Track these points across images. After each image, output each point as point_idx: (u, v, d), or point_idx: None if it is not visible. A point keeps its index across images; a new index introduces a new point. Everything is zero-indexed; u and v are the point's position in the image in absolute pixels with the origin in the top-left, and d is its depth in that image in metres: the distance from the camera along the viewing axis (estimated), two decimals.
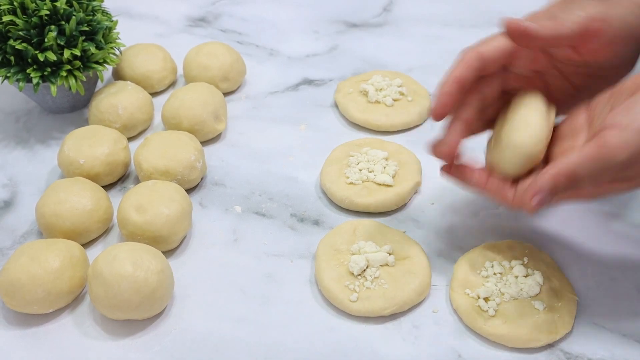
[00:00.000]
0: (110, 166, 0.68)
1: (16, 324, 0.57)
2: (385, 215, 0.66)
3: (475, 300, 0.56)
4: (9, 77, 0.69)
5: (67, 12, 0.69)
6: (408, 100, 0.77)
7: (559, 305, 0.55)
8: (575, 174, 0.46)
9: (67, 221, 0.61)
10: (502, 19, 0.52)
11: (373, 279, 0.58)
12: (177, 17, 0.97)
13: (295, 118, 0.79)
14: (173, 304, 0.58)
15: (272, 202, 0.68)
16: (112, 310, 0.54)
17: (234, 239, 0.64)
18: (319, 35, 0.93)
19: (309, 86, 0.84)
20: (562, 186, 0.47)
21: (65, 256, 0.57)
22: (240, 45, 0.91)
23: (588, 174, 0.46)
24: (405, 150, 0.71)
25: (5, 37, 0.69)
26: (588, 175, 0.46)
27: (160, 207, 0.60)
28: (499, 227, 0.64)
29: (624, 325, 0.56)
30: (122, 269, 0.53)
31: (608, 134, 0.45)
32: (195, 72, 0.80)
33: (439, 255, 0.62)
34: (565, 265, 0.60)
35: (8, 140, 0.76)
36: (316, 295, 0.59)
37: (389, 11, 0.98)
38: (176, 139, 0.68)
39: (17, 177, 0.71)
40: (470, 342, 0.55)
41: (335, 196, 0.66)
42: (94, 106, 0.74)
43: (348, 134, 0.76)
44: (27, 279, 0.55)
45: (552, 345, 0.54)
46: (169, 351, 0.55)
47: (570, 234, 0.64)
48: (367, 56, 0.89)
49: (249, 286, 0.60)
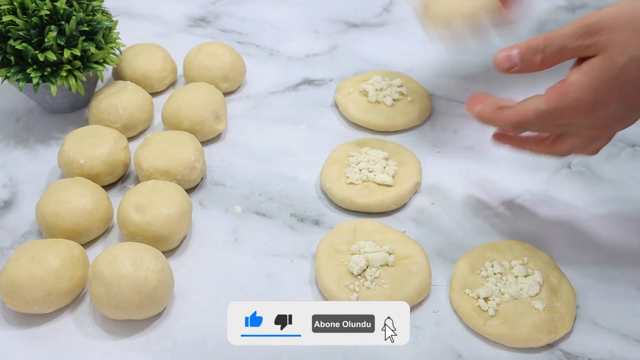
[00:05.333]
0: (111, 166, 0.68)
1: (16, 324, 0.57)
2: (385, 215, 0.66)
3: (475, 300, 0.56)
4: (9, 77, 0.69)
5: (67, 12, 0.69)
6: (408, 100, 0.77)
7: (559, 305, 0.55)
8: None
9: (67, 221, 0.61)
10: None
11: (373, 279, 0.58)
12: (177, 17, 0.97)
13: (295, 118, 0.79)
14: (173, 304, 0.58)
15: (272, 202, 0.68)
16: (112, 310, 0.54)
17: (234, 239, 0.64)
18: (319, 35, 0.93)
19: (309, 86, 0.84)
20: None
21: (66, 256, 0.57)
22: (240, 45, 0.91)
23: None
24: (405, 150, 0.71)
25: (5, 37, 0.69)
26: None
27: (160, 207, 0.60)
28: (499, 227, 0.65)
29: (624, 325, 0.56)
30: (123, 269, 0.53)
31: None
32: (195, 72, 0.80)
33: (439, 255, 0.62)
34: (565, 265, 0.60)
35: (8, 140, 0.76)
36: (316, 295, 0.59)
37: (389, 11, 0.98)
38: (176, 139, 0.68)
39: (17, 177, 0.71)
40: (470, 342, 0.55)
41: (335, 196, 0.66)
42: (94, 106, 0.74)
43: (348, 134, 0.76)
44: (27, 279, 0.55)
45: (552, 345, 0.54)
46: (169, 351, 0.55)
47: (570, 234, 0.64)
48: (367, 56, 0.89)
49: (249, 286, 0.60)
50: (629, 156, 0.72)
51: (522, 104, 0.53)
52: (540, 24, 0.95)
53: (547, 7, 0.98)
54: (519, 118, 0.53)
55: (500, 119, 0.54)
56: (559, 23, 0.95)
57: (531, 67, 0.53)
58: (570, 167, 0.71)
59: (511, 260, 0.59)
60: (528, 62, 0.53)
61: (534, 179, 0.70)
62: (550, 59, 0.52)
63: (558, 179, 0.70)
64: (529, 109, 0.52)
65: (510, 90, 0.85)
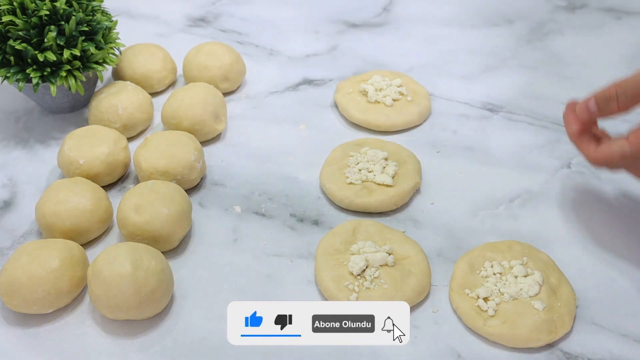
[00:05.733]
0: (110, 166, 0.68)
1: (16, 324, 0.57)
2: (385, 215, 0.66)
3: (474, 300, 0.56)
4: (9, 77, 0.69)
5: (66, 12, 0.69)
6: (408, 100, 0.77)
7: (559, 305, 0.55)
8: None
9: (67, 221, 0.61)
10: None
11: (373, 279, 0.58)
12: (177, 17, 0.97)
13: (295, 118, 0.79)
14: (173, 304, 0.58)
15: (272, 202, 0.68)
16: (112, 311, 0.54)
17: (234, 239, 0.64)
18: (319, 35, 0.93)
19: (309, 86, 0.84)
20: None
21: (65, 256, 0.57)
22: (240, 45, 0.91)
23: None
24: (405, 150, 0.71)
25: (5, 37, 0.69)
26: None
27: (159, 207, 0.60)
28: (499, 227, 0.65)
29: (624, 325, 0.56)
30: (122, 269, 0.53)
31: None
32: (195, 72, 0.80)
33: (439, 255, 0.62)
34: (565, 265, 0.60)
35: (8, 140, 0.76)
36: (316, 295, 0.59)
37: (389, 11, 0.98)
38: (176, 139, 0.68)
39: (17, 177, 0.71)
40: (470, 342, 0.55)
41: (335, 196, 0.66)
42: (94, 106, 0.74)
43: (348, 134, 0.76)
44: (27, 279, 0.55)
45: (552, 345, 0.54)
46: (169, 351, 0.55)
47: (570, 234, 0.64)
48: (367, 56, 0.89)
49: (249, 286, 0.60)
50: None
51: (608, 146, 0.56)
52: (540, 24, 0.95)
53: (547, 7, 0.99)
54: (605, 159, 0.57)
55: (587, 153, 0.58)
56: (559, 23, 0.95)
57: (608, 114, 0.58)
58: (570, 167, 0.71)
59: (511, 260, 0.59)
60: (605, 111, 0.57)
61: (534, 179, 0.70)
62: (625, 105, 0.56)
63: (558, 179, 0.70)
64: (615, 152, 0.56)
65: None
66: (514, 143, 0.74)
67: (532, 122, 0.77)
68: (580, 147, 0.59)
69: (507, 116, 0.78)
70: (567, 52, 0.89)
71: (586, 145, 0.59)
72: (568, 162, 0.71)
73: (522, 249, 0.60)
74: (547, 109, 0.78)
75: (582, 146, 0.59)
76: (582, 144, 0.59)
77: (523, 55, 0.89)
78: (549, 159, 0.72)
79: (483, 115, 0.79)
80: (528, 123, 0.77)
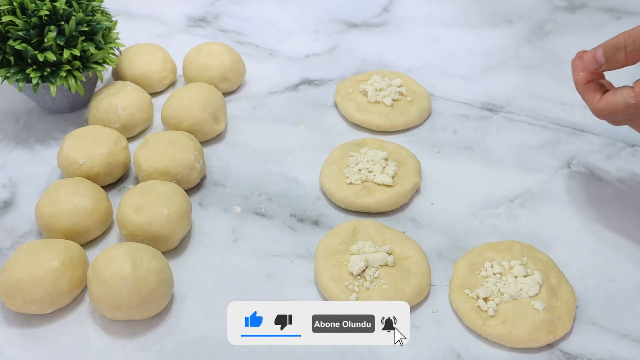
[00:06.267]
0: (110, 166, 0.68)
1: (16, 324, 0.57)
2: (385, 215, 0.66)
3: (474, 300, 0.56)
4: (9, 77, 0.69)
5: (66, 12, 0.69)
6: (407, 101, 0.77)
7: (559, 305, 0.55)
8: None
9: (67, 221, 0.61)
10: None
11: (372, 279, 0.58)
12: (177, 17, 0.97)
13: (295, 118, 0.79)
14: (173, 304, 0.58)
15: (271, 202, 0.68)
16: (112, 311, 0.54)
17: (234, 239, 0.64)
18: (319, 35, 0.93)
19: (309, 86, 0.84)
20: None
21: (65, 256, 0.57)
22: (240, 45, 0.91)
23: None
24: (404, 151, 0.71)
25: (5, 37, 0.69)
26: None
27: (159, 207, 0.60)
28: (499, 227, 0.65)
29: (623, 325, 0.56)
30: (122, 269, 0.53)
31: None
32: (195, 72, 0.80)
33: (439, 255, 0.62)
34: (565, 265, 0.60)
35: (8, 140, 0.76)
36: (316, 295, 0.59)
37: (389, 11, 0.98)
38: (176, 139, 0.68)
39: (17, 177, 0.71)
40: (470, 342, 0.55)
41: (334, 196, 0.66)
42: (94, 106, 0.74)
43: (348, 134, 0.76)
44: (27, 279, 0.55)
45: (552, 345, 0.54)
46: (169, 351, 0.55)
47: (570, 234, 0.64)
48: (367, 56, 0.89)
49: (249, 286, 0.60)
50: (628, 156, 0.72)
51: (611, 95, 0.56)
52: (540, 24, 0.95)
53: (547, 7, 0.99)
54: (608, 109, 0.56)
55: (590, 103, 0.57)
56: (558, 23, 0.95)
57: (616, 65, 0.56)
58: (570, 167, 0.71)
59: (511, 260, 0.59)
60: (613, 61, 0.56)
61: (534, 179, 0.70)
62: (633, 56, 0.55)
63: (558, 179, 0.70)
64: (619, 102, 0.55)
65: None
66: (514, 143, 0.74)
67: (532, 122, 0.77)
68: (585, 97, 0.58)
69: (507, 116, 0.78)
70: (567, 52, 0.88)
71: (591, 94, 0.58)
72: (568, 162, 0.71)
73: (522, 249, 0.60)
74: (547, 109, 0.78)
75: (586, 95, 0.58)
76: (587, 93, 0.58)
77: (523, 55, 0.89)
78: (549, 159, 0.72)
79: (483, 115, 0.79)
80: (528, 123, 0.77)
